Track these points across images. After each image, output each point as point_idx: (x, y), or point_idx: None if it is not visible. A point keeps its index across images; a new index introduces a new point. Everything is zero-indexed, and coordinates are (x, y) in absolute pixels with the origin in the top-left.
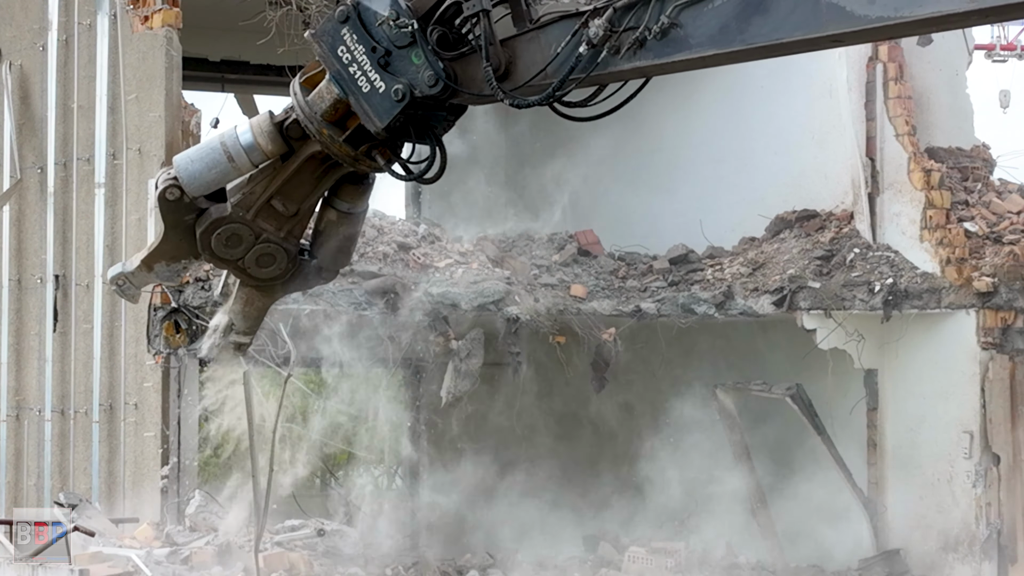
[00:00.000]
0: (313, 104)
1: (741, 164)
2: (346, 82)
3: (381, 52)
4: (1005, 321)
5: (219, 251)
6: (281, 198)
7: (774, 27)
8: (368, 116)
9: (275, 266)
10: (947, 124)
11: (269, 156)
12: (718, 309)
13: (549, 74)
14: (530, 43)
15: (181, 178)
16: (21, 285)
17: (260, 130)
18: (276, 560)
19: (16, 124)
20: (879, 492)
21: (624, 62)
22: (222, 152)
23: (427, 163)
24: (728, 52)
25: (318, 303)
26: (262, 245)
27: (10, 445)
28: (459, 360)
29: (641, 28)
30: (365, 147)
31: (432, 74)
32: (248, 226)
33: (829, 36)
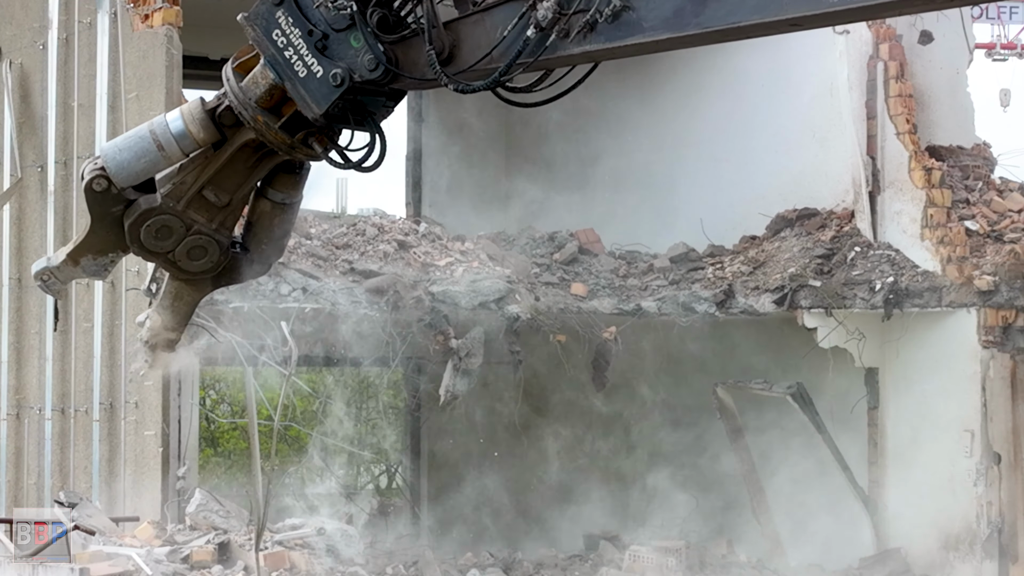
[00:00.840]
0: (247, 90)
1: (742, 163)
2: (282, 67)
3: (318, 35)
4: (1006, 320)
5: (148, 244)
6: (213, 188)
7: (731, 10)
8: (305, 102)
9: (207, 259)
10: (948, 122)
11: (201, 144)
12: (719, 308)
13: (495, 58)
14: (475, 26)
15: (108, 168)
16: (21, 284)
17: (191, 117)
18: (277, 559)
19: (16, 123)
20: (880, 491)
21: (574, 46)
22: (151, 141)
23: (366, 151)
24: (682, 36)
25: (319, 302)
26: (193, 237)
27: (10, 444)
28: (459, 359)
29: (592, 11)
30: (302, 134)
31: (372, 58)
32: (179, 217)
33: (788, 20)
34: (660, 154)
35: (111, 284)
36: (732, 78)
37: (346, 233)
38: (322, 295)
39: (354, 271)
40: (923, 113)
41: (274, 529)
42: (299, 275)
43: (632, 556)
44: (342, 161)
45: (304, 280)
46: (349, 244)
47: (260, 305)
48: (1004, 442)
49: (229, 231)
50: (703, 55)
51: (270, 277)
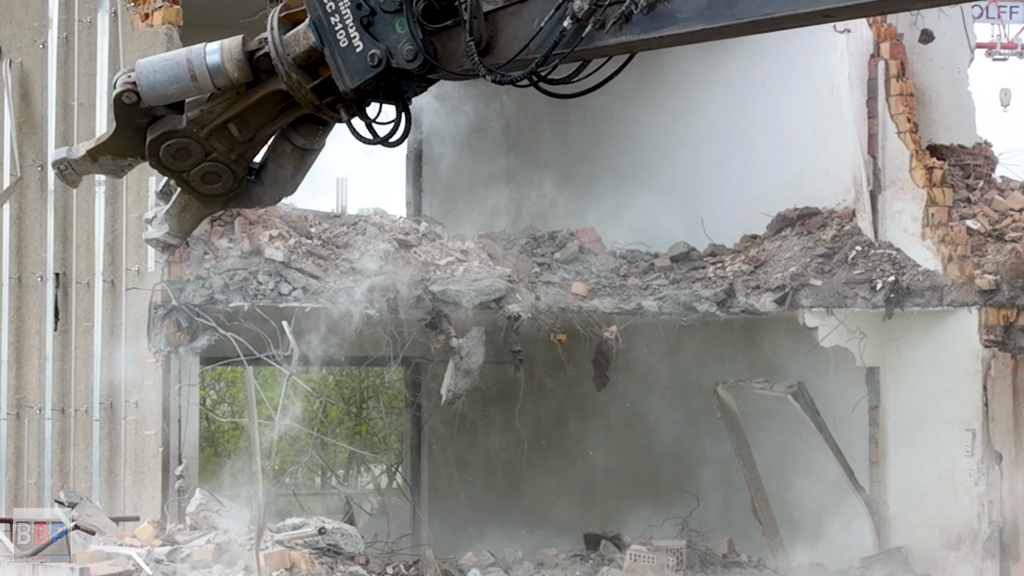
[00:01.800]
0: (287, 45)
1: (742, 162)
2: (325, 31)
3: (367, 11)
4: (1007, 319)
5: (166, 161)
6: (238, 123)
7: (764, 2)
8: (340, 73)
9: (220, 184)
10: (949, 121)
11: (234, 83)
12: (720, 307)
13: (532, 50)
14: (512, 17)
15: (140, 85)
16: (21, 283)
17: (229, 55)
18: (277, 558)
19: (16, 122)
20: (881, 490)
21: (609, 37)
22: (186, 69)
23: (392, 127)
24: (717, 27)
25: (319, 301)
26: (210, 163)
27: (10, 443)
28: (460, 358)
29: (627, 2)
30: (331, 99)
31: (412, 48)
32: (199, 143)
33: (821, 11)
34: (660, 153)
35: (111, 284)
36: (732, 77)
37: (346, 232)
38: (323, 295)
39: (354, 270)
40: (924, 112)
41: (274, 529)
42: (299, 275)
43: (633, 555)
44: (368, 136)
45: (305, 279)
46: (349, 243)
47: (261, 304)
48: (1005, 441)
49: (246, 163)
50: (703, 54)
51: (270, 276)
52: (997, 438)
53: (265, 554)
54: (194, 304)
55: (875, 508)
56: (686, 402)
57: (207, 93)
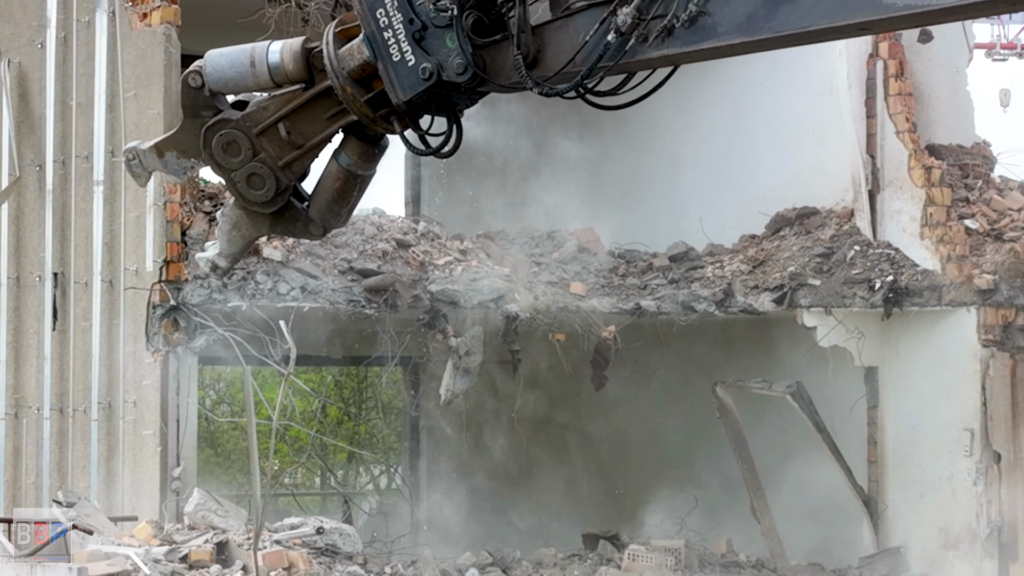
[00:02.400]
0: (342, 59)
1: (741, 161)
2: (378, 46)
3: (418, 26)
4: (1006, 318)
5: (217, 154)
6: (289, 125)
7: (802, 15)
8: (392, 86)
9: (263, 191)
10: (948, 121)
11: (289, 77)
12: (718, 307)
13: (578, 63)
14: (559, 31)
15: (205, 67)
16: (20, 283)
17: (289, 51)
18: (275, 558)
19: (15, 122)
20: (879, 490)
21: (652, 50)
22: (248, 56)
23: (444, 138)
24: (755, 40)
25: (317, 301)
26: (256, 164)
27: (9, 443)
28: (458, 357)
29: (669, 16)
30: (384, 111)
31: (462, 62)
32: (250, 139)
33: (856, 24)
34: (659, 153)
35: (109, 283)
36: (731, 77)
37: (344, 232)
38: (321, 294)
39: (353, 270)
40: (923, 112)
41: (273, 528)
42: (298, 274)
43: (631, 555)
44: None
45: (303, 279)
46: (348, 243)
47: (259, 304)
48: (1004, 441)
49: (294, 176)
50: None
51: (268, 276)
52: (996, 438)
53: (263, 554)
54: (192, 304)
55: (873, 508)
56: (684, 402)
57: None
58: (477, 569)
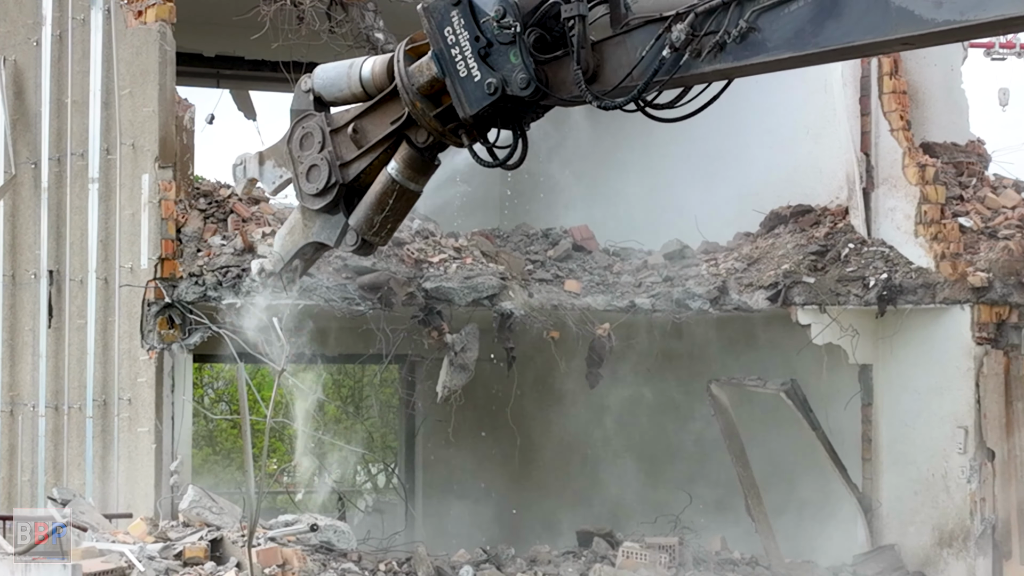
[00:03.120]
0: (412, 75)
1: (736, 159)
2: (446, 62)
3: (484, 43)
4: (1000, 316)
5: (294, 146)
6: (357, 125)
7: (846, 31)
8: (460, 101)
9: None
10: (942, 119)
11: (375, 81)
12: (712, 304)
13: (635, 77)
14: (617, 47)
15: (315, 74)
16: (15, 281)
17: (379, 61)
18: (269, 555)
19: (10, 119)
20: (873, 487)
21: (705, 65)
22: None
23: (509, 151)
24: (803, 55)
25: (312, 298)
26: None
27: (4, 441)
28: (454, 355)
29: (721, 32)
30: (453, 125)
31: (525, 77)
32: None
33: (899, 39)
34: (654, 151)
35: (105, 281)
36: None
37: None
38: (315, 292)
39: (347, 267)
40: (917, 110)
41: (267, 525)
42: None
43: (625, 552)
44: (488, 159)
45: None
46: None
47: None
48: (998, 439)
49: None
50: None
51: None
52: (989, 435)
53: (258, 551)
54: (187, 301)
55: (867, 505)
56: (679, 400)
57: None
58: (472, 566)
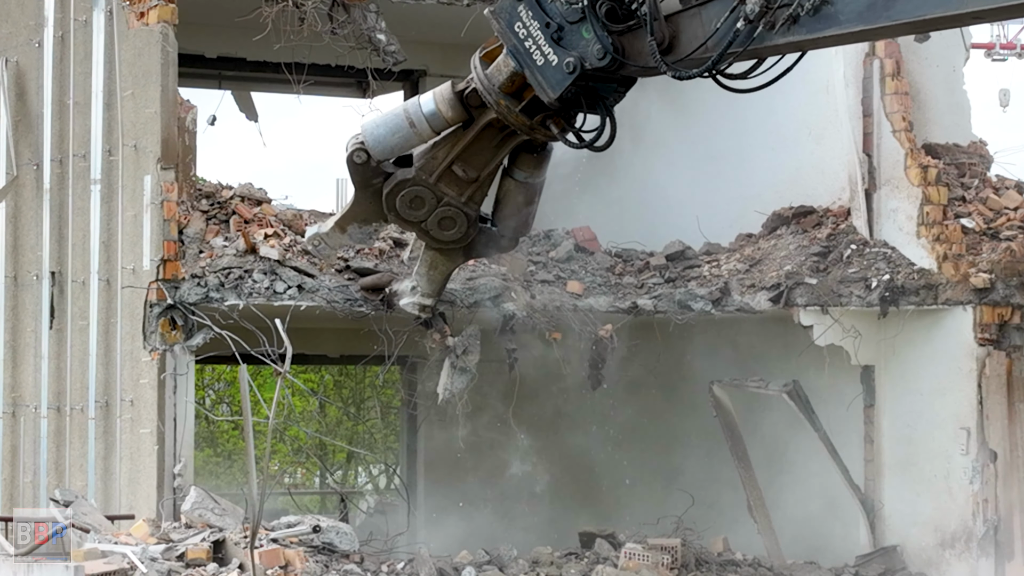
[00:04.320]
0: (491, 77)
1: (738, 160)
2: (522, 56)
3: (554, 27)
4: (1002, 317)
5: (403, 212)
6: (462, 164)
7: (918, 4)
8: (542, 87)
9: (456, 229)
10: (944, 120)
11: (450, 123)
12: (715, 305)
13: (709, 48)
14: (692, 19)
15: (367, 142)
16: (17, 282)
17: (442, 98)
18: (272, 556)
19: (12, 121)
20: (876, 488)
21: (779, 37)
22: (404, 119)
23: (597, 132)
24: (874, 28)
25: (314, 299)
26: (444, 208)
27: (6, 442)
28: (456, 356)
29: (795, 5)
30: (540, 117)
31: (600, 48)
32: (431, 189)
33: (970, 12)
34: (656, 152)
35: (107, 282)
36: None
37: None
38: (318, 293)
39: (349, 269)
40: (919, 111)
41: (269, 527)
42: (294, 273)
43: (627, 554)
44: (576, 141)
45: (299, 278)
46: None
47: (255, 303)
48: (1000, 439)
49: (477, 205)
50: None
51: (265, 275)
52: (992, 436)
53: (260, 552)
54: (189, 302)
55: (870, 506)
56: (681, 401)
57: (427, 140)
58: (474, 567)
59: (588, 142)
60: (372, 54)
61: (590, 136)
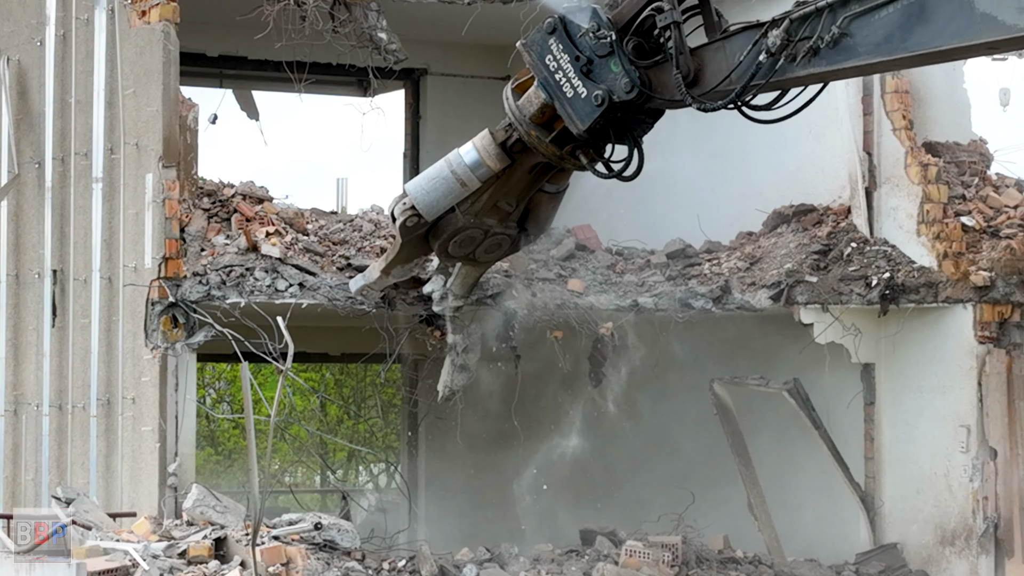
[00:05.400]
0: (523, 108)
1: (738, 159)
2: (552, 88)
3: (584, 61)
4: (1002, 315)
5: (454, 252)
6: (504, 198)
7: (934, 36)
8: (571, 119)
9: (501, 251)
10: (944, 119)
11: (496, 172)
12: (715, 303)
13: (733, 80)
14: (716, 52)
15: (419, 207)
16: (19, 280)
17: (487, 152)
18: (273, 554)
19: (14, 119)
20: (876, 486)
21: (800, 69)
22: (454, 180)
23: (625, 162)
24: (892, 59)
25: (316, 297)
26: (491, 239)
27: (8, 440)
28: (456, 354)
29: (815, 37)
30: (569, 147)
31: (628, 81)
32: (478, 227)
33: (984, 44)
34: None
35: (108, 280)
36: None
37: (343, 229)
38: (319, 291)
39: (351, 267)
40: (919, 109)
41: (271, 524)
42: (296, 271)
43: (628, 551)
44: (605, 171)
45: (301, 276)
46: (346, 240)
47: (257, 301)
48: (1000, 437)
49: (516, 225)
50: None
51: (267, 273)
52: (992, 434)
53: (261, 549)
54: (191, 300)
55: (870, 504)
56: (682, 399)
57: (473, 183)
58: (475, 565)
59: (617, 172)
60: (373, 53)
61: (619, 166)
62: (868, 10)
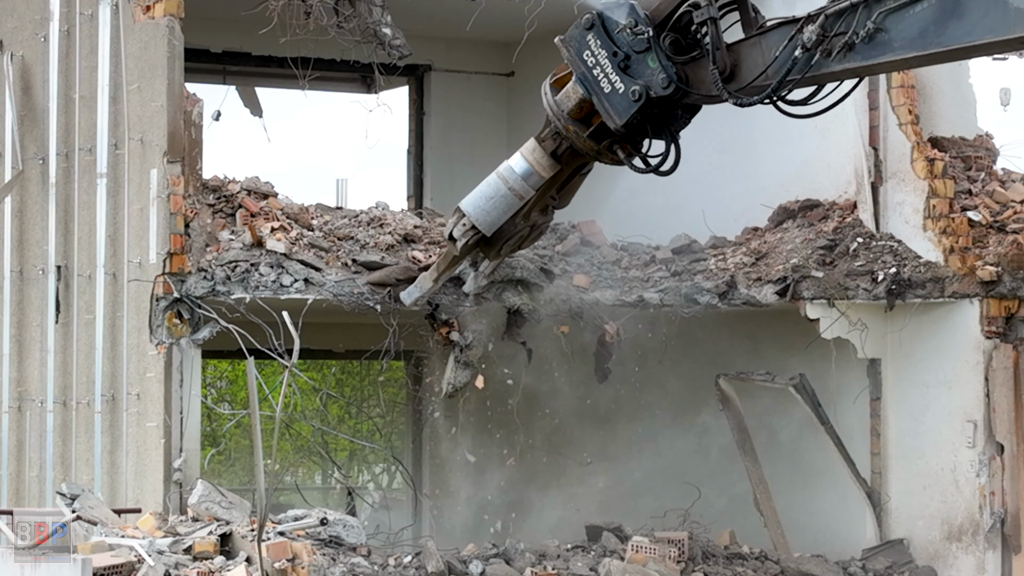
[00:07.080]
0: (561, 103)
1: (744, 154)
2: (590, 83)
3: (621, 56)
4: (1009, 310)
5: (505, 252)
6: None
7: (968, 31)
8: (608, 114)
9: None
10: (950, 113)
11: (546, 178)
12: (721, 299)
13: (769, 75)
14: (752, 48)
15: (480, 225)
16: (23, 276)
17: (537, 163)
18: (279, 550)
19: (18, 115)
20: (882, 482)
21: (835, 64)
22: (512, 194)
23: (662, 157)
24: (927, 54)
25: (321, 293)
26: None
27: (12, 436)
28: (460, 351)
29: (850, 32)
30: (607, 142)
31: (665, 77)
32: (528, 226)
33: (1018, 38)
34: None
35: (113, 276)
36: None
37: (348, 225)
38: (324, 287)
39: (356, 263)
40: (925, 104)
41: (276, 520)
42: (301, 266)
43: (634, 547)
44: (643, 166)
45: (306, 271)
46: (351, 236)
47: (262, 296)
48: (1007, 432)
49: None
50: None
51: (272, 268)
52: (998, 429)
53: (267, 545)
54: (196, 296)
55: (876, 499)
56: (687, 394)
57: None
58: (480, 560)
59: (654, 167)
60: (378, 48)
61: (655, 161)
62: (903, 5)
